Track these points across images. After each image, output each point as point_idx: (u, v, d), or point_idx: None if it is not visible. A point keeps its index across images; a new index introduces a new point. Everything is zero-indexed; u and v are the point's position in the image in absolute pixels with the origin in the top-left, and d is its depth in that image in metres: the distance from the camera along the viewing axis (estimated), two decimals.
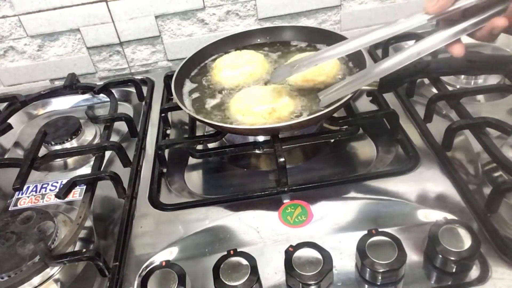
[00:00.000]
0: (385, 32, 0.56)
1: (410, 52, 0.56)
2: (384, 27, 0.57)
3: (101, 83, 0.94)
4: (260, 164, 0.76)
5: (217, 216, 0.63)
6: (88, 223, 0.67)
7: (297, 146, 0.76)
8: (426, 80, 0.84)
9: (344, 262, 0.54)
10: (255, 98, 0.71)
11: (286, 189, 0.65)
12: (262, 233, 0.60)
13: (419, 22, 0.53)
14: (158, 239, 0.62)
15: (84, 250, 0.59)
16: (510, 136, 0.66)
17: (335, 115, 0.72)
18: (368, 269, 0.51)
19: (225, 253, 0.53)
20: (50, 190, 0.75)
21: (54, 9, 0.96)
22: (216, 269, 0.51)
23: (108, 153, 0.78)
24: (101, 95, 0.94)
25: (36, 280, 0.59)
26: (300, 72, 0.64)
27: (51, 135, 0.83)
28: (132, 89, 0.95)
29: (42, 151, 0.78)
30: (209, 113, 0.73)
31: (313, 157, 0.76)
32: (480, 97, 0.79)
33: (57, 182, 0.77)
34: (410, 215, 0.59)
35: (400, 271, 0.51)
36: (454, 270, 0.51)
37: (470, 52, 0.90)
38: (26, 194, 0.75)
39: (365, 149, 0.75)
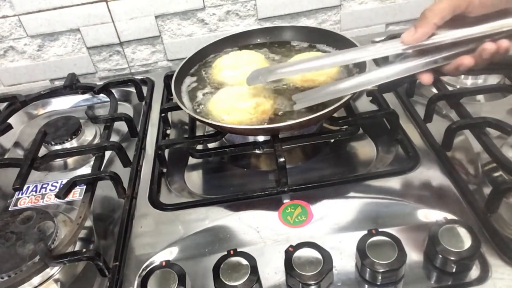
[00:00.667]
0: (361, 54, 0.61)
1: (381, 75, 0.59)
2: (361, 49, 0.61)
3: (101, 83, 0.94)
4: (260, 164, 0.76)
5: (217, 216, 0.63)
6: (88, 223, 0.67)
7: (297, 146, 0.76)
8: None
9: (344, 262, 0.54)
10: (236, 97, 0.72)
11: (286, 189, 0.65)
12: (262, 233, 0.60)
13: (395, 50, 0.56)
14: (158, 239, 0.62)
15: (84, 250, 0.59)
16: (510, 136, 0.66)
17: (335, 115, 0.72)
18: (368, 269, 0.51)
19: (225, 253, 0.53)
20: (50, 190, 0.75)
21: (54, 9, 0.96)
22: (216, 269, 0.51)
23: (108, 153, 0.78)
24: (101, 95, 0.94)
25: (36, 280, 0.59)
26: (275, 78, 0.67)
27: (51, 135, 0.83)
28: (132, 89, 0.95)
29: (42, 151, 0.78)
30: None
31: (313, 157, 0.76)
32: (480, 97, 0.79)
33: (57, 182, 0.77)
34: (410, 215, 0.59)
35: (400, 271, 0.51)
36: (454, 270, 0.51)
37: None
38: (26, 194, 0.75)
39: (365, 149, 0.75)
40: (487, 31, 0.51)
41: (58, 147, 0.83)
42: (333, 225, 0.59)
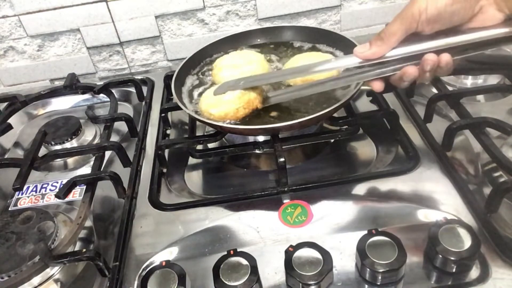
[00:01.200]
0: (322, 67, 0.63)
1: (337, 81, 0.65)
2: (323, 64, 0.63)
3: (101, 83, 0.94)
4: (260, 164, 0.76)
5: (217, 216, 0.63)
6: (88, 223, 0.67)
7: (297, 146, 0.76)
8: None
9: (344, 262, 0.54)
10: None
11: (286, 189, 0.65)
12: (262, 233, 0.60)
13: (351, 64, 0.59)
14: (158, 239, 0.62)
15: (84, 250, 0.59)
16: (510, 136, 0.66)
17: (335, 115, 0.72)
18: (368, 269, 0.51)
19: (225, 253, 0.53)
20: (50, 190, 0.75)
21: (54, 9, 0.96)
22: (216, 269, 0.51)
23: (108, 153, 0.78)
24: (101, 95, 0.94)
25: (36, 280, 0.59)
26: (244, 88, 0.69)
27: (51, 135, 0.83)
28: (132, 89, 0.95)
29: (42, 151, 0.78)
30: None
31: (313, 157, 0.76)
32: (480, 97, 0.79)
33: (57, 182, 0.77)
34: (410, 215, 0.59)
35: (400, 271, 0.51)
36: (454, 270, 0.51)
37: None
38: (26, 194, 0.75)
39: (365, 149, 0.75)
40: (433, 47, 0.54)
41: (58, 147, 0.83)
42: (333, 225, 0.59)
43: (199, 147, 0.78)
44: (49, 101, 1.00)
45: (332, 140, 0.76)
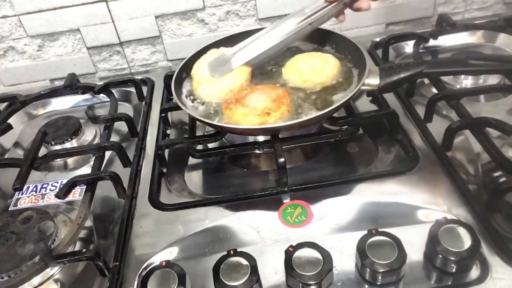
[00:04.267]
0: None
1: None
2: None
3: (101, 83, 0.95)
4: (260, 164, 0.76)
5: (217, 216, 0.63)
6: (88, 223, 0.67)
7: (297, 146, 0.76)
8: (426, 80, 0.84)
9: (344, 262, 0.54)
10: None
11: (286, 189, 0.65)
12: (262, 233, 0.60)
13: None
14: (158, 239, 0.62)
15: (84, 250, 0.59)
16: (510, 136, 0.66)
17: (335, 115, 0.72)
18: (368, 269, 0.51)
19: (225, 253, 0.53)
20: (50, 190, 0.75)
21: (54, 9, 0.96)
22: (216, 269, 0.51)
23: (108, 153, 0.78)
24: (101, 95, 0.94)
25: (36, 280, 0.59)
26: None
27: (51, 135, 0.83)
28: (132, 89, 0.95)
29: (42, 151, 0.78)
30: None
31: (313, 157, 0.76)
32: (480, 97, 0.79)
33: (57, 182, 0.77)
34: (410, 215, 0.59)
35: (400, 271, 0.51)
36: (454, 270, 0.51)
37: (470, 52, 0.90)
38: (26, 194, 0.75)
39: (365, 149, 0.75)
40: None
41: (58, 147, 0.83)
42: (333, 225, 0.59)
43: (199, 147, 0.78)
44: (49, 101, 1.00)
45: (332, 140, 0.76)
